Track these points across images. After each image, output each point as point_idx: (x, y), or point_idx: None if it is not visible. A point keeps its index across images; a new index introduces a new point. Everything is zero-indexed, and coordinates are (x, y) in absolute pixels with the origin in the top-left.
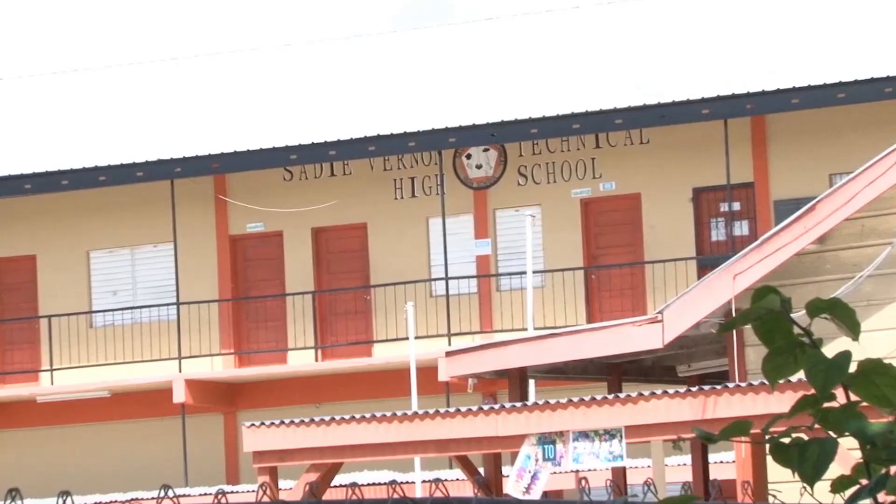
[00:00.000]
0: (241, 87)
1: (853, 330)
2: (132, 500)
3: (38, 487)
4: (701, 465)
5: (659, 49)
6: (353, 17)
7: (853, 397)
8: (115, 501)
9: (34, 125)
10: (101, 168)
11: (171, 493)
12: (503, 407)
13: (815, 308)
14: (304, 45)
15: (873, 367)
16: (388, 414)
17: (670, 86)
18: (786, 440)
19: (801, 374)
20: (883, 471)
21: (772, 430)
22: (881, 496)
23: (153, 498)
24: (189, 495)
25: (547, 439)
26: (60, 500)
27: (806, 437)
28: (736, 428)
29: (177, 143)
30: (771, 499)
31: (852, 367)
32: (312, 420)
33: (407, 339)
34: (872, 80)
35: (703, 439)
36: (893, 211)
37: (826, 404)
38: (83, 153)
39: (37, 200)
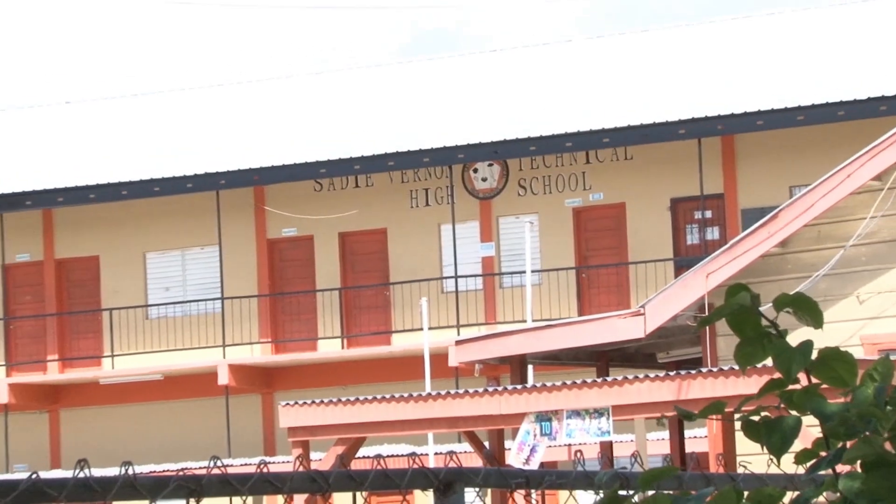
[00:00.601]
0: (277, 109)
1: (817, 320)
2: (183, 469)
3: (101, 458)
4: (678, 440)
5: (641, 77)
6: (370, 48)
7: (814, 381)
8: (168, 470)
9: (98, 143)
10: (155, 180)
11: (218, 464)
12: (505, 389)
13: (781, 303)
14: (332, 73)
15: (831, 354)
16: (405, 395)
17: (651, 109)
18: (755, 418)
19: (766, 361)
20: (840, 445)
21: (743, 409)
22: (838, 467)
23: (202, 467)
24: (232, 465)
25: (544, 417)
26: (123, 470)
27: (772, 416)
28: (712, 408)
29: (221, 159)
30: (741, 469)
31: (813, 355)
32: (339, 400)
33: (421, 329)
34: (827, 104)
35: (684, 417)
36: (846, 219)
37: (791, 387)
38: (140, 167)
39: (100, 208)
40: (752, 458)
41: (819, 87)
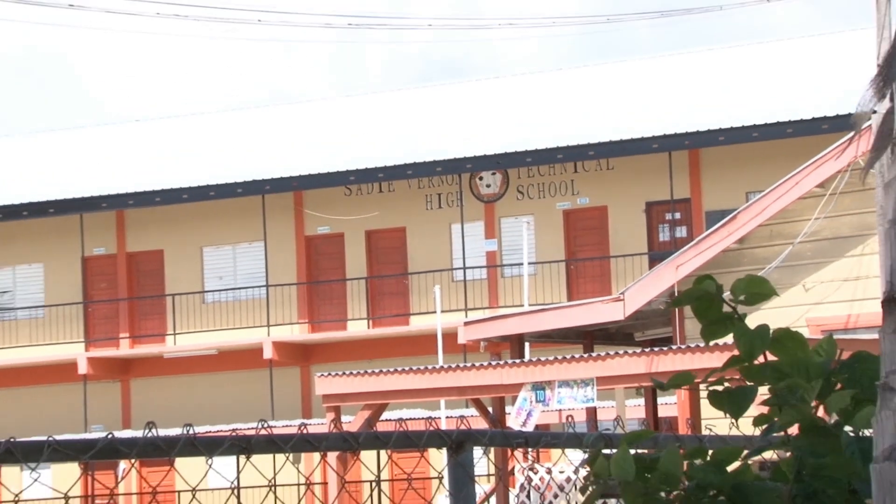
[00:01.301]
0: (313, 126)
1: (771, 291)
2: (234, 430)
3: (165, 421)
4: (652, 407)
5: (620, 99)
6: (391, 75)
7: (770, 357)
8: (221, 431)
9: (162, 154)
10: (210, 186)
11: (264, 425)
12: (506, 363)
13: (738, 288)
14: (359, 97)
15: (785, 334)
16: (421, 367)
17: (629, 126)
18: (719, 388)
19: (727, 338)
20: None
21: (709, 380)
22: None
23: (250, 428)
24: (275, 427)
25: (538, 386)
26: (185, 430)
27: (733, 387)
28: (680, 378)
29: (266, 168)
30: (707, 431)
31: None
32: (366, 372)
33: (435, 312)
34: (778, 123)
35: (658, 387)
36: (794, 220)
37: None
38: (197, 175)
39: (164, 210)
40: (716, 421)
41: (771, 108)
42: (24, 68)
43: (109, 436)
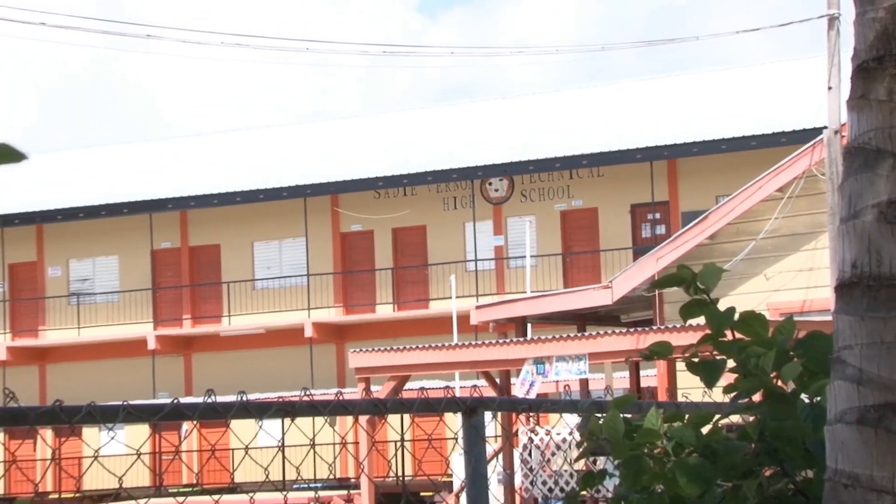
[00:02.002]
0: (348, 139)
1: (720, 271)
2: (280, 396)
3: (222, 389)
4: (636, 378)
5: (610, 116)
6: (412, 94)
7: (737, 335)
8: (269, 398)
9: (219, 163)
10: (260, 189)
11: (307, 393)
12: (511, 341)
13: (703, 275)
14: (388, 113)
15: (749, 315)
16: (439, 344)
17: (616, 139)
18: (695, 360)
19: (700, 320)
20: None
21: (686, 353)
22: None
23: (294, 395)
24: (315, 394)
25: (539, 361)
26: (238, 397)
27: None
28: (660, 346)
29: (307, 174)
30: (683, 398)
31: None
32: (392, 348)
33: (450, 298)
34: (743, 137)
35: (644, 358)
36: (757, 219)
37: (721, 339)
38: (249, 180)
39: (221, 210)
40: (691, 390)
41: (737, 124)
42: (104, 89)
43: (175, 401)
